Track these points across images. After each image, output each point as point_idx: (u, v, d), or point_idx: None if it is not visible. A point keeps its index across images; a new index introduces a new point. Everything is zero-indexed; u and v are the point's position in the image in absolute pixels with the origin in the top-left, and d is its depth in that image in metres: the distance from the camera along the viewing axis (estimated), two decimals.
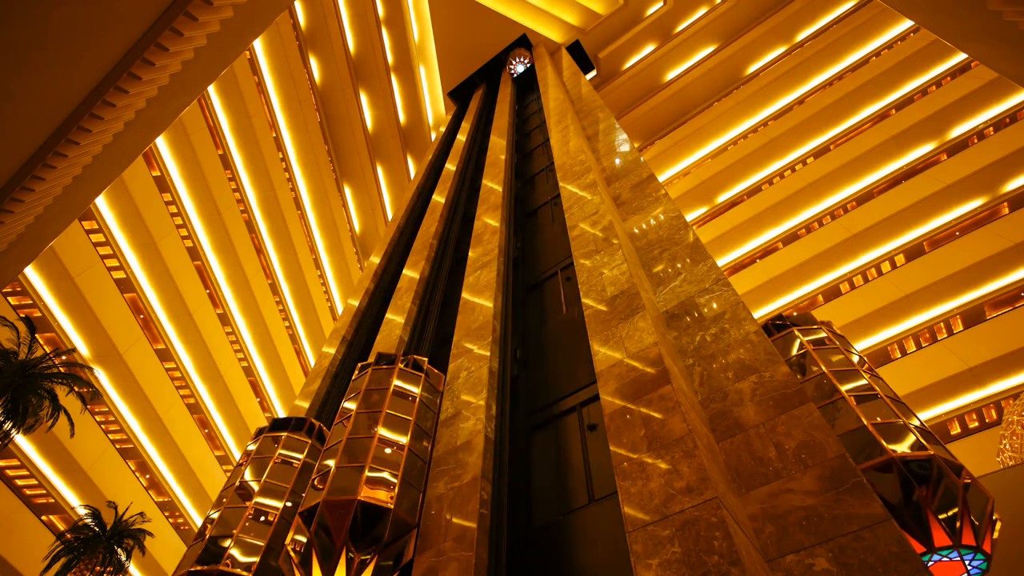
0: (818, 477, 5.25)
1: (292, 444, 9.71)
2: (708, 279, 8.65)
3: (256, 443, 9.80)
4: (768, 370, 6.56)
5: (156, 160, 31.43)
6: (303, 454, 9.60)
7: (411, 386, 9.08)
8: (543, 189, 16.78)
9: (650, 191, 12.37)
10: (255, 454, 9.51)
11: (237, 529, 8.14)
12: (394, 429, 8.13)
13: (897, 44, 31.70)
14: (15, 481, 27.77)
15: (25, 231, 14.67)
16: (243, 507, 8.52)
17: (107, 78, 12.39)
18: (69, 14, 10.64)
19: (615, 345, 7.58)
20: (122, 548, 24.96)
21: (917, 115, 28.42)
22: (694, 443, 5.57)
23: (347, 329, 16.67)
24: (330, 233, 46.25)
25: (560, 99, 22.29)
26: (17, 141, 12.61)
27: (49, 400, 21.23)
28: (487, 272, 12.33)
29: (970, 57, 20.91)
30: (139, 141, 15.52)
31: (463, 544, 6.61)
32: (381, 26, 38.59)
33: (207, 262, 35.53)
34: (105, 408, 31.00)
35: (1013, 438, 15.28)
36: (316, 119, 41.81)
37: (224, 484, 9.39)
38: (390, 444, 7.87)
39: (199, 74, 14.75)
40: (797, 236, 30.54)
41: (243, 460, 9.61)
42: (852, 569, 4.49)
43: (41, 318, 27.42)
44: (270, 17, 15.75)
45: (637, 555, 5.01)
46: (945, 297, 24.14)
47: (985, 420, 21.83)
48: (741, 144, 35.40)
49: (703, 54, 39.53)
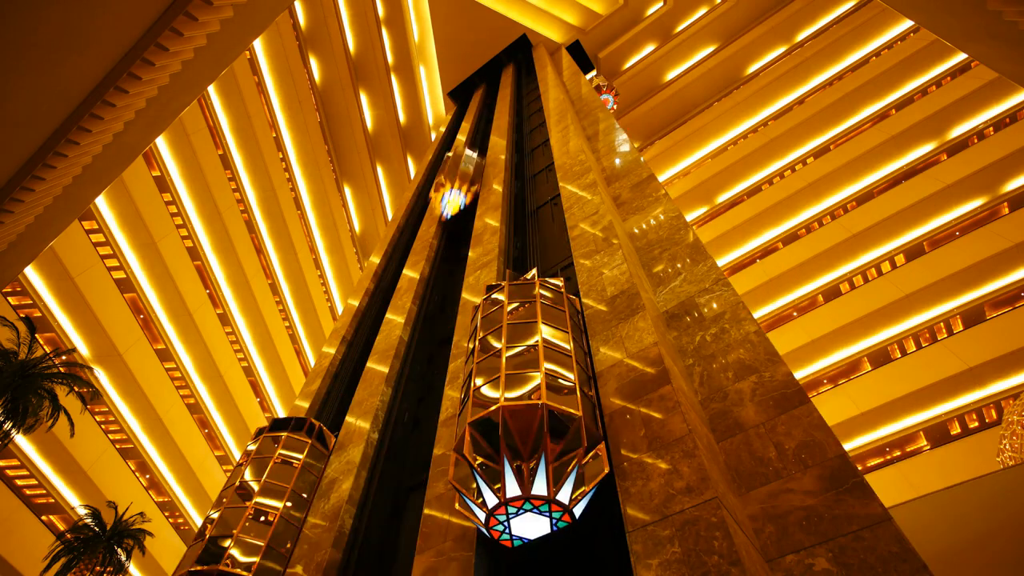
0: (818, 477, 5.25)
1: (292, 444, 9.71)
2: (708, 279, 8.65)
3: (256, 443, 9.80)
4: (768, 370, 6.56)
5: (156, 160, 31.43)
6: (303, 454, 9.61)
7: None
8: (543, 189, 16.78)
9: (650, 191, 12.37)
10: (255, 454, 9.52)
11: (237, 529, 8.14)
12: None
13: (897, 44, 31.70)
14: (15, 481, 27.77)
15: (25, 231, 14.67)
16: (243, 507, 8.53)
17: (107, 78, 12.39)
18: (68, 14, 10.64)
19: (615, 345, 7.58)
20: (122, 548, 24.98)
21: (917, 115, 28.43)
22: (694, 443, 5.57)
23: (347, 329, 16.67)
24: (330, 233, 46.25)
25: (560, 99, 22.29)
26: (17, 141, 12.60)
27: (49, 400, 21.24)
28: (487, 272, 12.33)
29: (970, 57, 20.91)
30: (139, 141, 15.51)
31: (463, 544, 6.61)
32: (381, 26, 38.59)
33: (207, 262, 35.54)
34: (105, 408, 31.01)
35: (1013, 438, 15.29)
36: (316, 119, 41.82)
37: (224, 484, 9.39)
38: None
39: (199, 74, 14.75)
40: (797, 236, 30.54)
41: (243, 460, 9.62)
42: (852, 569, 4.49)
43: (41, 318, 27.42)
44: (270, 17, 15.74)
45: (637, 555, 5.01)
46: (945, 297, 24.15)
47: (985, 420, 21.84)
48: (741, 144, 35.41)
49: (703, 54, 39.54)
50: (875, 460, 23.60)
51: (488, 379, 6.63)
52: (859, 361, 25.88)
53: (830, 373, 26.34)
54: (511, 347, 6.97)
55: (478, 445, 6.06)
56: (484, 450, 6.00)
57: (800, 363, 26.69)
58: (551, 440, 5.80)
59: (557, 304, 7.92)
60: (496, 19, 37.60)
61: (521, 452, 5.83)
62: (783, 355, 23.68)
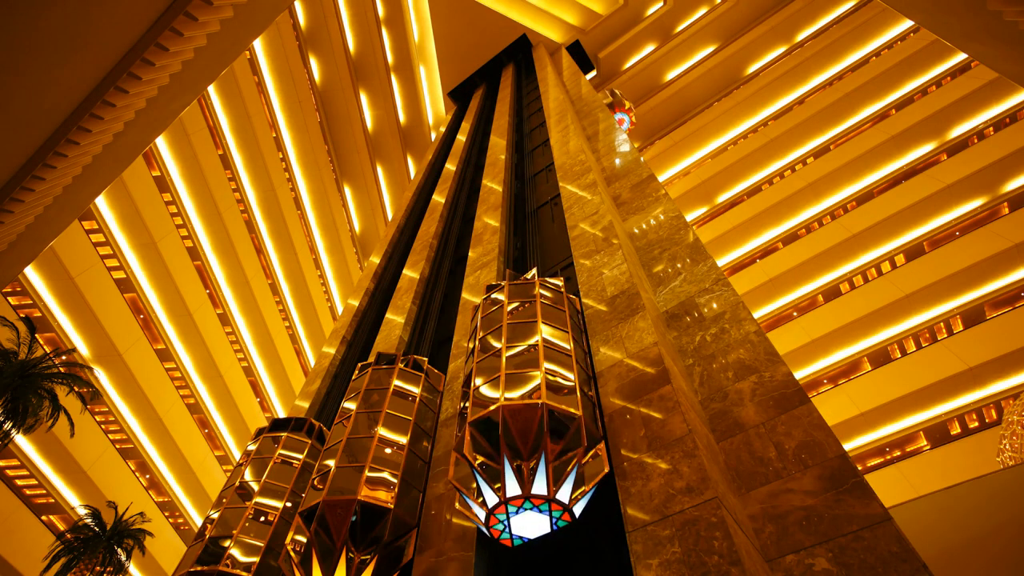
0: (818, 477, 5.25)
1: (292, 444, 9.70)
2: (708, 279, 8.65)
3: (256, 443, 9.79)
4: (768, 370, 6.56)
5: (156, 160, 31.44)
6: (303, 454, 9.60)
7: (411, 386, 9.07)
8: (543, 189, 16.78)
9: (650, 191, 12.37)
10: (255, 454, 9.51)
11: (237, 529, 8.14)
12: (394, 429, 8.07)
13: (897, 44, 31.71)
14: (15, 481, 27.78)
15: (25, 231, 14.67)
16: (243, 507, 8.52)
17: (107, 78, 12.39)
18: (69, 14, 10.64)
19: (615, 345, 7.58)
20: (122, 548, 24.98)
21: (917, 115, 28.42)
22: (694, 443, 5.57)
23: (347, 329, 16.67)
24: (330, 233, 46.26)
25: (560, 99, 22.29)
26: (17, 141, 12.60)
27: (49, 400, 21.24)
28: (487, 272, 12.32)
29: (970, 57, 20.91)
30: (139, 141, 15.51)
31: (463, 544, 6.61)
32: (381, 26, 38.60)
33: (207, 262, 35.54)
34: (105, 408, 31.01)
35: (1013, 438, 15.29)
36: (316, 119, 41.82)
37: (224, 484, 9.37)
38: (390, 444, 7.81)
39: (199, 74, 14.75)
40: (797, 236, 30.53)
41: (243, 460, 9.61)
42: (852, 569, 4.49)
43: (41, 318, 27.43)
44: (270, 17, 15.74)
45: (637, 555, 5.01)
46: (945, 297, 24.14)
47: (985, 420, 21.83)
48: (741, 144, 35.40)
49: (703, 54, 39.55)
50: (875, 460, 23.59)
51: (488, 379, 6.67)
52: (859, 361, 25.87)
53: (830, 373, 26.34)
54: (511, 347, 7.00)
55: (478, 444, 6.09)
56: (484, 449, 6.03)
57: (800, 363, 26.69)
58: (551, 440, 5.82)
59: (557, 304, 7.94)
60: (496, 19, 37.61)
61: (521, 452, 5.85)
62: (783, 355, 23.68)
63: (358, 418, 8.21)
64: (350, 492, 6.84)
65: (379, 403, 8.43)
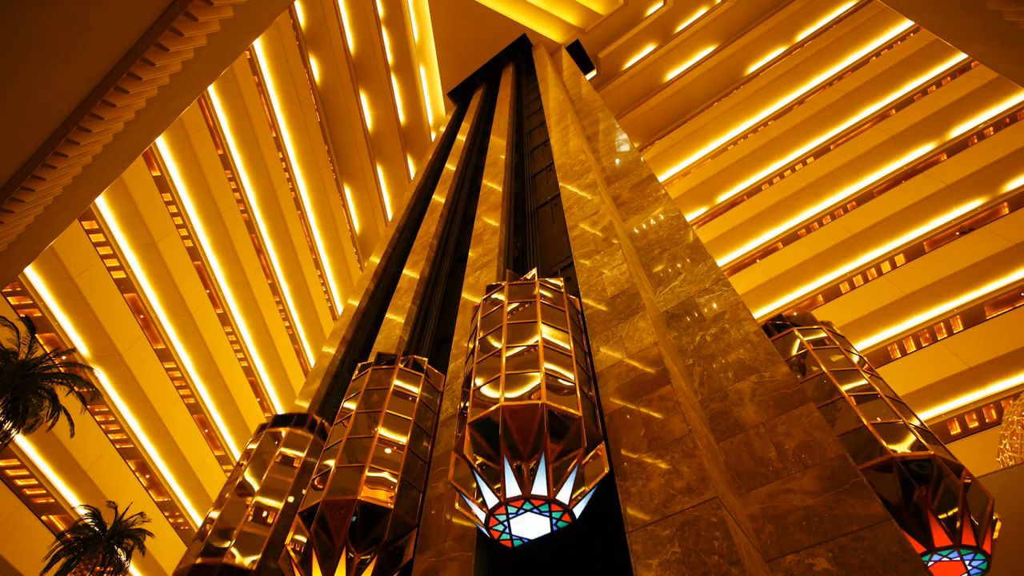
0: (818, 477, 5.25)
1: (294, 440, 9.72)
2: (708, 279, 8.65)
3: (257, 440, 9.80)
4: (768, 370, 6.56)
5: (156, 160, 31.44)
6: (304, 451, 9.61)
7: (411, 386, 9.07)
8: (543, 189, 16.78)
9: (650, 191, 12.37)
10: (256, 452, 9.52)
11: (238, 527, 8.14)
12: (394, 429, 8.08)
13: (897, 44, 31.70)
14: (15, 481, 27.78)
15: (25, 231, 14.68)
16: (244, 505, 8.52)
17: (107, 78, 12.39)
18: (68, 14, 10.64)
19: (615, 345, 7.58)
20: (122, 548, 24.96)
21: (917, 115, 28.42)
22: (694, 443, 5.57)
23: (347, 329, 16.66)
24: (330, 233, 46.27)
25: (560, 99, 22.29)
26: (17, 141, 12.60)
27: (49, 400, 21.23)
28: (487, 272, 12.32)
29: (970, 57, 20.91)
30: (139, 141, 15.51)
31: (463, 544, 6.61)
32: (381, 26, 38.61)
33: (207, 262, 35.54)
34: (105, 408, 31.01)
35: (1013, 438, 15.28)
36: (316, 119, 41.83)
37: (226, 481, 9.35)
38: (390, 444, 7.82)
39: (199, 74, 14.75)
40: (797, 236, 30.54)
41: (244, 458, 9.61)
42: (852, 569, 4.49)
43: (41, 318, 27.43)
44: (270, 17, 15.74)
45: (637, 555, 5.01)
46: (945, 297, 24.14)
47: (985, 420, 21.83)
48: (741, 144, 35.40)
49: (703, 54, 39.54)
50: None
51: (488, 379, 6.67)
52: None
53: None
54: (511, 347, 7.01)
55: (478, 445, 6.08)
56: (484, 450, 6.02)
57: None
58: (551, 440, 5.82)
59: (557, 304, 7.95)
60: (496, 19, 37.62)
61: (521, 452, 5.85)
62: None
63: (358, 418, 8.22)
64: (350, 492, 6.85)
65: (379, 403, 8.44)
